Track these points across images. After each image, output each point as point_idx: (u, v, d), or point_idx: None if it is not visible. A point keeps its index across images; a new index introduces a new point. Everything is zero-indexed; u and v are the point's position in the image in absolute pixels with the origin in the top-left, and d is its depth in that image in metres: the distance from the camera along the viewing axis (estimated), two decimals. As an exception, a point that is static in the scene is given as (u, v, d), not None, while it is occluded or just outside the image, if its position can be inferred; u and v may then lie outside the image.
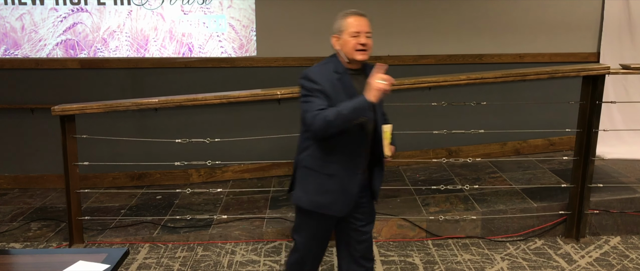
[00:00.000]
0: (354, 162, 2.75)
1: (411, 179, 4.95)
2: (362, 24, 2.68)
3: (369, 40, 2.70)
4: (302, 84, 2.68)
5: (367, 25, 2.70)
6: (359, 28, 2.66)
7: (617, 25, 5.28)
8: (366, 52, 2.69)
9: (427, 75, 4.26)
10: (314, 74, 2.67)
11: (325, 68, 2.70)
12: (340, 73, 2.68)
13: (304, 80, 2.67)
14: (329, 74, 2.68)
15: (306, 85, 2.66)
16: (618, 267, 3.71)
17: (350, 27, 2.67)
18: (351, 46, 2.66)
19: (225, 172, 5.28)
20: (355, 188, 2.77)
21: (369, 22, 2.72)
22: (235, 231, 4.14)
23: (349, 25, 2.68)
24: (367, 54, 2.70)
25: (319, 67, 2.71)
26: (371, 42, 2.71)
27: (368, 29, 2.70)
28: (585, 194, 4.02)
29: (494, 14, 5.24)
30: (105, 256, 2.36)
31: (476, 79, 3.94)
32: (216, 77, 5.11)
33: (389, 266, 3.73)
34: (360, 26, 2.67)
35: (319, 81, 2.64)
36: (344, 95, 2.64)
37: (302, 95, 2.68)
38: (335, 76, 2.67)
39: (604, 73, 3.85)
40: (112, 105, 3.88)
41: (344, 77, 2.69)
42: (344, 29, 2.69)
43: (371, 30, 2.71)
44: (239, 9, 5.05)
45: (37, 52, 5.04)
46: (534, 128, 5.28)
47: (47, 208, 4.74)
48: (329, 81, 2.65)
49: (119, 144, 4.95)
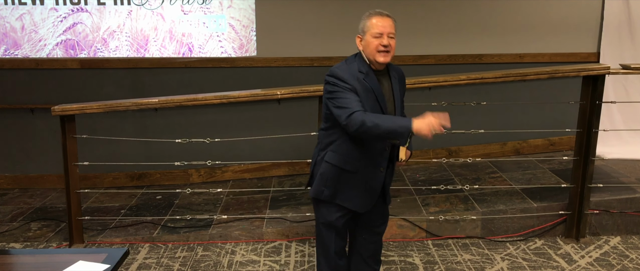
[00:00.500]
0: (377, 160, 2.75)
1: (411, 179, 4.95)
2: (386, 25, 2.63)
3: (392, 41, 2.65)
4: (331, 81, 2.65)
5: (390, 26, 2.65)
6: (382, 29, 2.62)
7: (617, 25, 5.28)
8: (388, 54, 2.65)
9: (427, 75, 4.26)
10: (343, 72, 2.64)
11: (351, 67, 2.67)
12: (364, 73, 2.66)
13: (333, 78, 2.64)
14: (356, 73, 2.65)
15: (337, 83, 2.63)
16: (618, 267, 3.71)
17: (372, 27, 2.63)
18: (373, 47, 2.63)
19: (225, 172, 5.28)
20: (378, 185, 2.79)
21: (393, 23, 2.67)
22: (235, 231, 4.14)
23: (371, 26, 2.64)
24: (389, 56, 2.66)
25: (344, 66, 2.68)
26: (394, 43, 2.67)
27: (391, 29, 2.64)
28: (585, 194, 4.02)
29: (494, 14, 5.24)
30: (105, 256, 2.36)
31: (476, 79, 3.94)
32: (216, 77, 5.11)
33: (389, 266, 3.73)
34: (383, 27, 2.62)
35: (348, 80, 2.62)
36: (371, 94, 2.63)
37: (330, 91, 2.65)
38: (361, 76, 2.65)
39: (604, 73, 3.85)
40: (112, 105, 3.88)
41: (369, 77, 2.66)
42: (367, 29, 2.65)
43: (395, 31, 2.67)
44: (239, 9, 5.05)
45: (37, 52, 5.04)
46: (534, 128, 5.29)
47: (47, 208, 4.74)
48: (357, 80, 2.64)
49: (119, 144, 4.96)
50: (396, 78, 2.79)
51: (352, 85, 2.61)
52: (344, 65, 2.69)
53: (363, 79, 2.64)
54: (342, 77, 2.63)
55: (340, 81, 2.63)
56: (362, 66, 2.68)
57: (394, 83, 2.78)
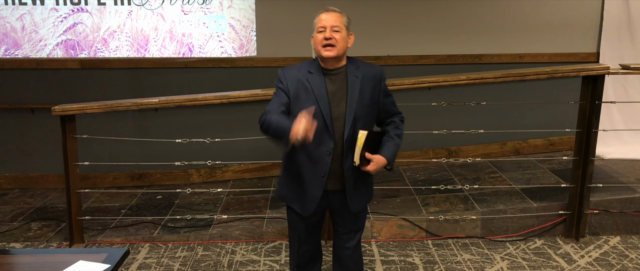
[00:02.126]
0: (318, 165, 2.62)
1: (411, 179, 4.95)
2: (329, 18, 2.55)
3: (337, 34, 2.54)
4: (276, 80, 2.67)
5: (334, 20, 2.55)
6: (325, 23, 2.55)
7: (616, 26, 5.28)
8: (333, 47, 2.54)
9: (427, 75, 4.27)
10: (286, 71, 2.64)
11: (302, 67, 2.64)
12: (312, 73, 2.60)
13: (277, 77, 2.65)
14: (302, 74, 2.61)
15: (276, 83, 2.65)
16: (618, 267, 3.71)
17: (318, 22, 2.58)
18: (318, 42, 2.57)
19: (226, 172, 5.28)
20: (317, 191, 2.66)
21: (340, 17, 2.58)
22: (235, 231, 4.15)
23: (317, 22, 2.59)
24: (335, 50, 2.54)
25: (294, 66, 2.66)
26: (340, 36, 2.55)
27: (335, 23, 2.55)
28: (585, 194, 4.02)
29: (494, 14, 5.25)
30: (105, 256, 2.36)
31: (476, 79, 3.94)
32: (216, 77, 5.11)
33: (389, 266, 3.74)
34: (326, 20, 2.55)
35: (285, 80, 2.61)
36: (311, 95, 2.56)
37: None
38: (307, 75, 2.59)
39: (604, 73, 3.85)
40: (112, 105, 3.88)
41: (316, 77, 2.59)
42: (314, 27, 2.61)
43: (340, 24, 2.56)
44: (239, 9, 5.06)
45: (38, 52, 5.05)
46: (534, 128, 5.29)
47: (48, 208, 4.74)
48: (297, 81, 2.59)
49: (119, 144, 4.96)
50: (357, 78, 2.61)
51: (286, 85, 2.60)
52: (297, 65, 2.67)
53: (305, 80, 2.58)
54: (281, 76, 2.63)
55: (279, 81, 2.64)
56: (313, 66, 2.63)
57: (353, 84, 2.60)
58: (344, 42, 2.58)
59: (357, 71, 2.63)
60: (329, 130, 2.58)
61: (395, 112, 2.77)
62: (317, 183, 2.66)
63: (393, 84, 3.75)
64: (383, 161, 2.62)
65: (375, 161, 2.59)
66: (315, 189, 2.67)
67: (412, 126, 4.65)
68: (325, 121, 2.57)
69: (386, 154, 2.63)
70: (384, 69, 2.74)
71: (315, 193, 2.67)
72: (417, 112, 5.10)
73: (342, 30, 2.56)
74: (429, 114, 5.14)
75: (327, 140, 2.59)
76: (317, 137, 2.48)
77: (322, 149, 2.60)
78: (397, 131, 2.73)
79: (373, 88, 2.65)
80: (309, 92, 2.57)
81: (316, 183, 2.66)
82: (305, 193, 2.69)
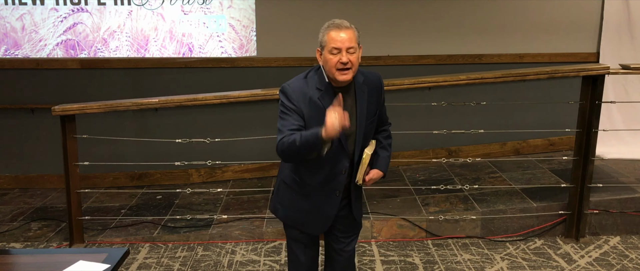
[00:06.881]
0: (332, 183, 2.55)
1: (411, 179, 4.95)
2: (344, 39, 2.34)
3: (353, 57, 2.36)
4: (281, 98, 2.47)
5: (350, 40, 2.35)
6: (340, 44, 2.34)
7: (616, 26, 5.28)
8: (349, 70, 2.37)
9: (427, 75, 4.27)
10: (292, 91, 2.43)
11: (306, 83, 2.45)
12: (322, 90, 2.42)
13: (282, 95, 2.46)
14: (310, 91, 2.43)
15: (284, 101, 2.45)
16: (618, 267, 3.71)
17: (330, 42, 2.36)
18: (332, 65, 2.36)
19: (226, 172, 5.28)
20: (332, 210, 2.60)
21: (353, 34, 2.37)
22: (235, 231, 4.15)
23: (329, 41, 2.36)
24: (351, 73, 2.39)
25: (299, 82, 2.46)
26: (355, 58, 2.38)
27: (351, 44, 2.35)
28: (585, 194, 4.02)
29: (494, 14, 5.24)
30: (105, 256, 2.37)
31: (476, 79, 3.94)
32: (216, 77, 5.11)
33: (388, 266, 3.74)
34: (341, 42, 2.34)
35: (296, 101, 2.42)
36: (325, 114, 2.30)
37: (279, 110, 2.47)
38: (317, 94, 2.42)
39: (604, 73, 3.85)
40: (112, 105, 3.89)
41: (326, 95, 2.41)
42: (324, 44, 2.38)
43: (355, 43, 2.37)
44: (239, 9, 5.06)
45: (38, 52, 5.05)
46: (534, 128, 5.29)
47: (48, 208, 4.74)
48: (309, 101, 2.42)
49: (119, 144, 4.96)
50: (364, 92, 2.50)
51: (298, 106, 2.41)
52: (301, 80, 2.47)
53: (317, 98, 2.41)
54: (290, 96, 2.42)
55: (287, 101, 2.43)
56: (321, 82, 2.43)
57: (360, 99, 2.49)
58: (358, 62, 2.43)
59: (363, 83, 2.50)
60: (345, 149, 2.50)
61: (387, 120, 2.73)
62: (331, 203, 2.59)
63: (393, 84, 3.75)
64: (380, 175, 2.61)
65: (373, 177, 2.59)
66: (329, 208, 2.60)
67: (412, 126, 4.67)
68: (341, 140, 2.46)
69: (383, 168, 2.62)
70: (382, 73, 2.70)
71: (330, 212, 2.61)
72: (417, 112, 5.13)
73: (357, 49, 2.40)
74: (429, 114, 5.14)
75: (342, 159, 2.52)
76: (333, 157, 2.45)
77: (337, 168, 2.53)
78: (389, 140, 2.70)
79: (377, 100, 2.57)
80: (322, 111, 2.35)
81: (331, 202, 2.59)
82: (317, 214, 2.61)
